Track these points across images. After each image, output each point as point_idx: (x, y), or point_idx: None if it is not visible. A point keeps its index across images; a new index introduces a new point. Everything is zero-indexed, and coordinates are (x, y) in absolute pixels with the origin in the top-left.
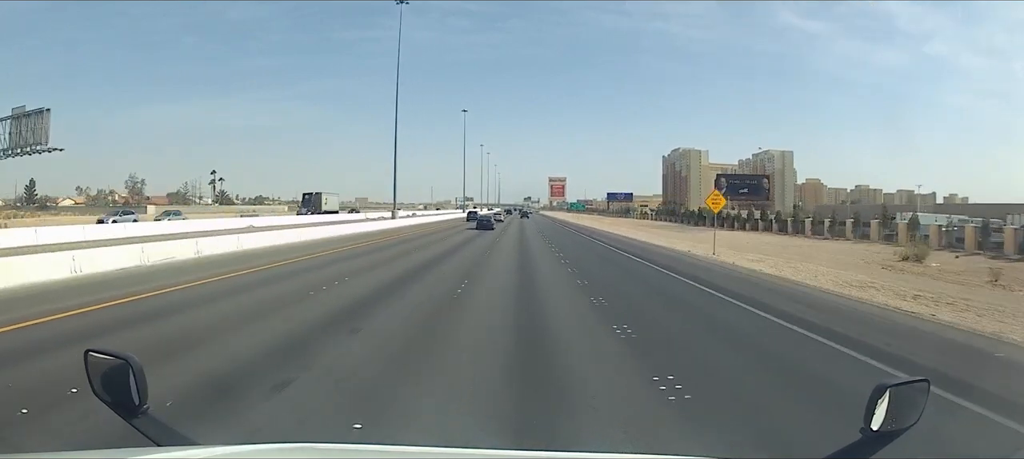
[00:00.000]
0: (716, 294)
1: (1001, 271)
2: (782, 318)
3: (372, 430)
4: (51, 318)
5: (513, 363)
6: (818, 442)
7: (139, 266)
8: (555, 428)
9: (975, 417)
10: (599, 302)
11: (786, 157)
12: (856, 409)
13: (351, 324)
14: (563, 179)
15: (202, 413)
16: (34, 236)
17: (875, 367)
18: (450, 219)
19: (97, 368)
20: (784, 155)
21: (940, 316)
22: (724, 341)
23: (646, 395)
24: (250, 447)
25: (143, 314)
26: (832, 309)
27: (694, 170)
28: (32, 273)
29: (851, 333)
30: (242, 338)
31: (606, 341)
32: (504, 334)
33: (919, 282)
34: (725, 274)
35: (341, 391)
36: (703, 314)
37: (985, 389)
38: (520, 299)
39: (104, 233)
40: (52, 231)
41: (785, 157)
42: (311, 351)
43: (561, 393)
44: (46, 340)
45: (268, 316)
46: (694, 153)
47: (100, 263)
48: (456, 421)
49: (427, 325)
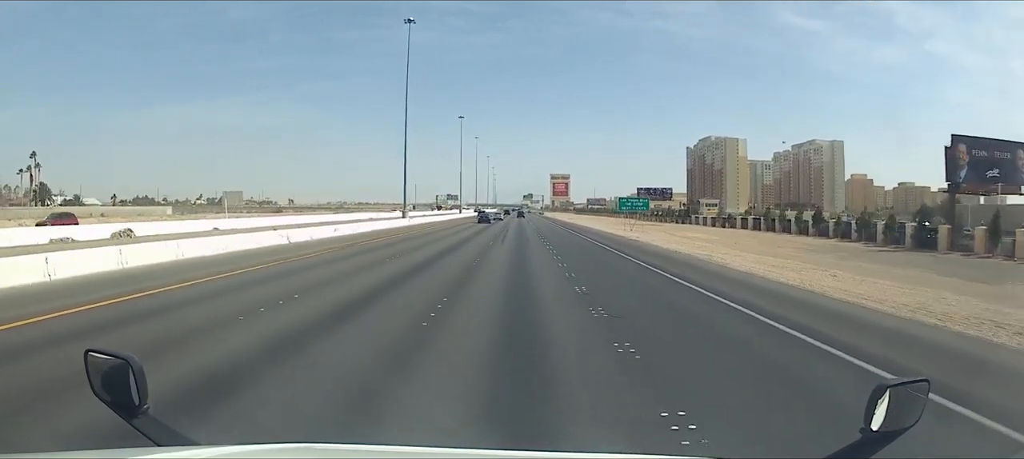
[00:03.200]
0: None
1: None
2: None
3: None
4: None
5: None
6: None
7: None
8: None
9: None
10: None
11: (836, 149)
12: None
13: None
14: (566, 177)
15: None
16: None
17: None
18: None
19: (97, 368)
20: (833, 147)
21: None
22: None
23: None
24: (250, 447)
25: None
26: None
27: (731, 162)
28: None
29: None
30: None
31: None
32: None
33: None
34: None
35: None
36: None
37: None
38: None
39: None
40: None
41: (835, 149)
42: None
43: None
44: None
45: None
46: (730, 142)
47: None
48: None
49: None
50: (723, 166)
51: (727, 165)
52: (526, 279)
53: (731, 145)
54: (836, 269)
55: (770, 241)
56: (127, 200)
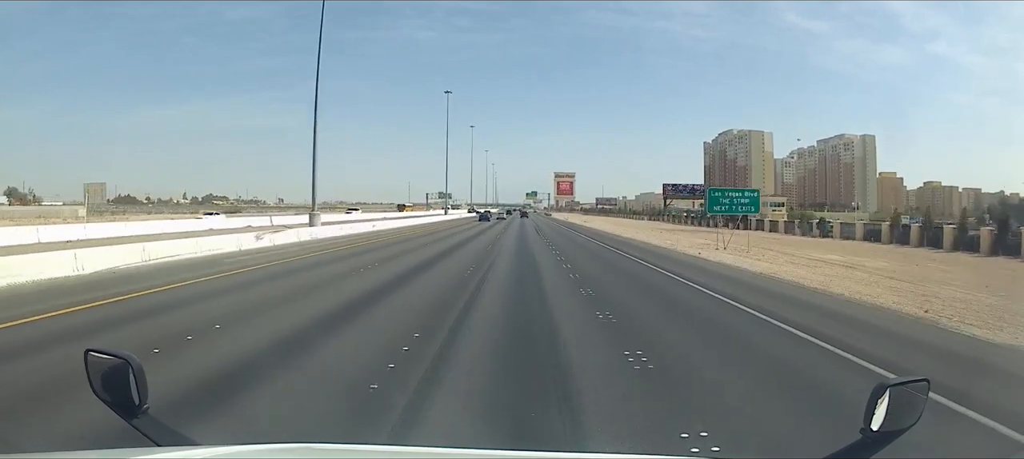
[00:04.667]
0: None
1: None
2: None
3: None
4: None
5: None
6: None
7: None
8: None
9: None
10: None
11: (867, 144)
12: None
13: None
14: (571, 175)
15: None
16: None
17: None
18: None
19: (97, 368)
20: (865, 141)
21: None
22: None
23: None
24: (250, 447)
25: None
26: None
27: (756, 156)
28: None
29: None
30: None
31: None
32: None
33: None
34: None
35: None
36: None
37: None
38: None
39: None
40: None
41: (867, 144)
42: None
43: None
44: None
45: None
46: (755, 135)
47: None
48: None
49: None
50: (747, 161)
51: (752, 160)
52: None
53: (756, 138)
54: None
55: (946, 261)
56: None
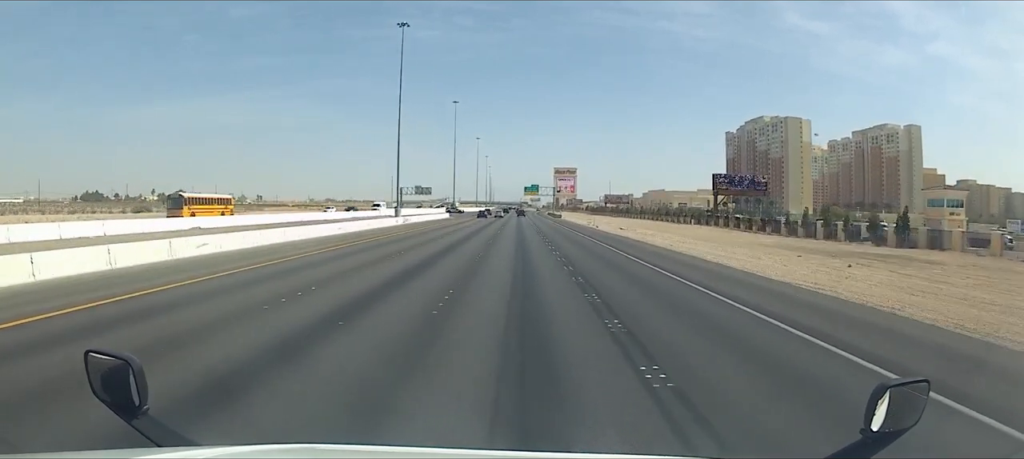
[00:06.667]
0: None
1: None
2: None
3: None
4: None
5: None
6: None
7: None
8: None
9: None
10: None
11: (913, 135)
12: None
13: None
14: (573, 171)
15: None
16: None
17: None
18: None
19: (97, 368)
20: (910, 132)
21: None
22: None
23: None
24: (250, 448)
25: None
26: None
27: (793, 148)
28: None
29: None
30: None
31: None
32: None
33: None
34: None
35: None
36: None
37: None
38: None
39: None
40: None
41: (912, 135)
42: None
43: None
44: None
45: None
46: (792, 122)
47: None
48: None
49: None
50: (783, 152)
51: (789, 151)
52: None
53: (793, 126)
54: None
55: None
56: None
